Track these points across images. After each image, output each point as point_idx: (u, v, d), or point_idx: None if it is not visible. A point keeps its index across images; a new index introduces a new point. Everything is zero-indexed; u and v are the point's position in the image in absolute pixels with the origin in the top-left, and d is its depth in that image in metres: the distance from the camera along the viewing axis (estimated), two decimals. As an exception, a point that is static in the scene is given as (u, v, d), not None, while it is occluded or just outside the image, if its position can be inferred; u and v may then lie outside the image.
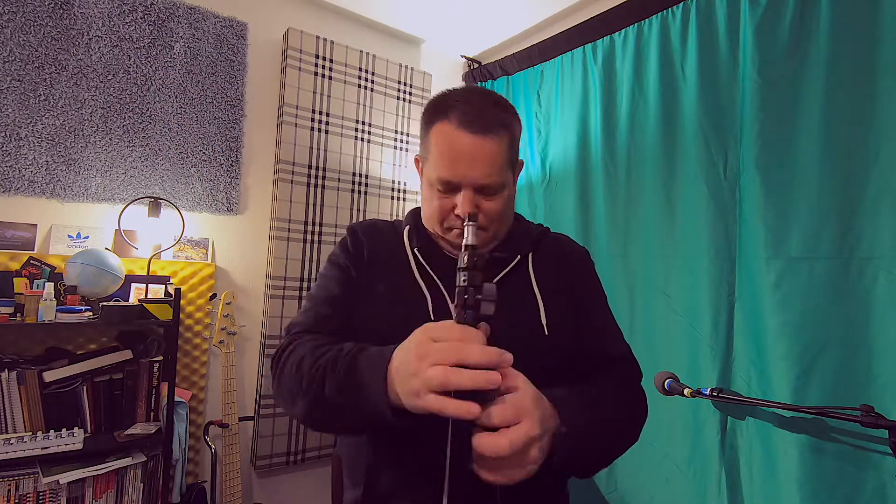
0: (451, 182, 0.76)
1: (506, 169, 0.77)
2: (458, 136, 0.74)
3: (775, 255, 1.37)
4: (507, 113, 0.78)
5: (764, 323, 1.39)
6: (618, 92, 1.89)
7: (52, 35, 1.73)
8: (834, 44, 1.31)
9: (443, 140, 0.76)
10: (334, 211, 2.25)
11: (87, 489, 1.58)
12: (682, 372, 1.50)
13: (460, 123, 0.74)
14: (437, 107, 0.78)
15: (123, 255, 1.81)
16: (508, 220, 0.85)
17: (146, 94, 1.89)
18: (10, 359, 1.59)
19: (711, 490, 1.48)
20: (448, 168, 0.75)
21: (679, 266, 1.63)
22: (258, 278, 2.18)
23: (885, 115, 1.23)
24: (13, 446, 1.45)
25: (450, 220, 0.79)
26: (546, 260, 0.85)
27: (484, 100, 0.77)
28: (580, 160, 2.01)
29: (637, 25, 1.82)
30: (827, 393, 1.26)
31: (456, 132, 0.74)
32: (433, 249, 0.84)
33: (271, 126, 2.20)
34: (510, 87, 2.44)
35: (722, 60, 1.55)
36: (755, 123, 1.44)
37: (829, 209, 1.30)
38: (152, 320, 1.68)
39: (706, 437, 1.51)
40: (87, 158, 1.79)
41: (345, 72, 2.27)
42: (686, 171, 1.63)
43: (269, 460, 2.10)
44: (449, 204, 0.78)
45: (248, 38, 2.12)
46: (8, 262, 1.63)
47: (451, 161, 0.75)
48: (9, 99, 1.66)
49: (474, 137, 0.73)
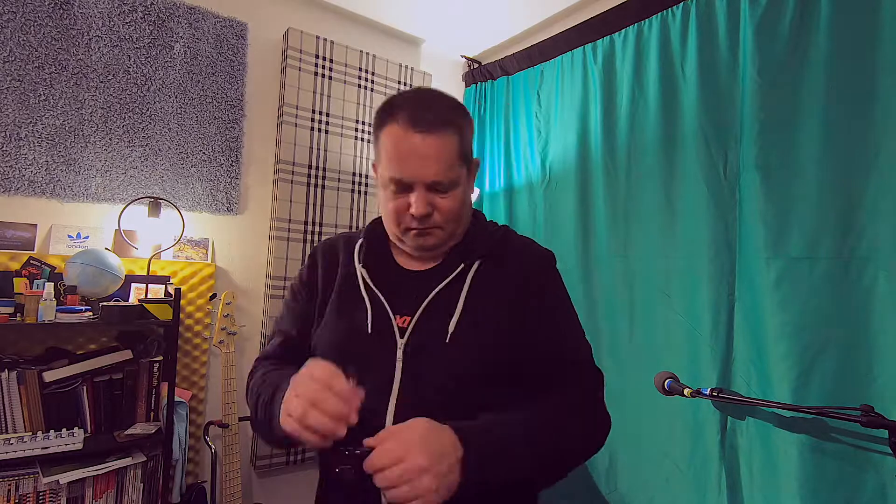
0: (402, 181, 0.77)
1: (457, 166, 0.78)
2: (406, 135, 0.75)
3: (775, 255, 1.37)
4: (455, 111, 0.80)
5: (764, 323, 1.39)
6: (618, 92, 1.89)
7: (52, 35, 1.73)
8: (834, 44, 1.31)
9: (391, 141, 0.77)
10: (334, 211, 2.25)
11: (87, 489, 1.58)
12: (682, 372, 1.50)
13: (407, 123, 0.75)
14: (384, 110, 0.80)
15: (123, 255, 1.81)
16: (465, 219, 0.86)
17: (146, 94, 1.89)
18: (10, 359, 1.59)
19: (711, 490, 1.48)
20: (398, 167, 0.77)
21: (679, 266, 1.63)
22: (258, 278, 2.18)
23: (885, 115, 1.23)
24: (13, 446, 1.45)
25: (406, 221, 0.80)
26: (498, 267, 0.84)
27: (430, 99, 0.80)
28: (580, 160, 2.01)
29: (637, 25, 1.82)
30: (827, 393, 1.26)
31: (404, 132, 0.76)
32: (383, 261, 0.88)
33: (271, 126, 2.20)
34: (510, 87, 2.44)
35: (722, 60, 1.55)
36: (755, 123, 1.44)
37: (829, 209, 1.30)
38: (152, 320, 1.68)
39: (706, 437, 1.51)
40: (87, 158, 1.79)
41: (345, 72, 2.27)
42: (686, 171, 1.63)
43: (269, 460, 2.10)
44: (403, 204, 0.79)
45: (248, 38, 2.12)
46: (8, 262, 1.63)
47: (400, 160, 0.76)
48: (9, 99, 1.66)
49: (422, 136, 0.75)
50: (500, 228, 0.90)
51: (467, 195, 0.84)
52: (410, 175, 0.76)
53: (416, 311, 0.80)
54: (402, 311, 0.81)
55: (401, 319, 0.81)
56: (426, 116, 0.76)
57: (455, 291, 0.81)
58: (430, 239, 0.81)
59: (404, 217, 0.80)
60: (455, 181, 0.79)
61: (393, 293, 0.83)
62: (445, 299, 0.80)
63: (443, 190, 0.78)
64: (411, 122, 0.75)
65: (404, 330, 0.79)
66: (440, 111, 0.78)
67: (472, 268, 0.83)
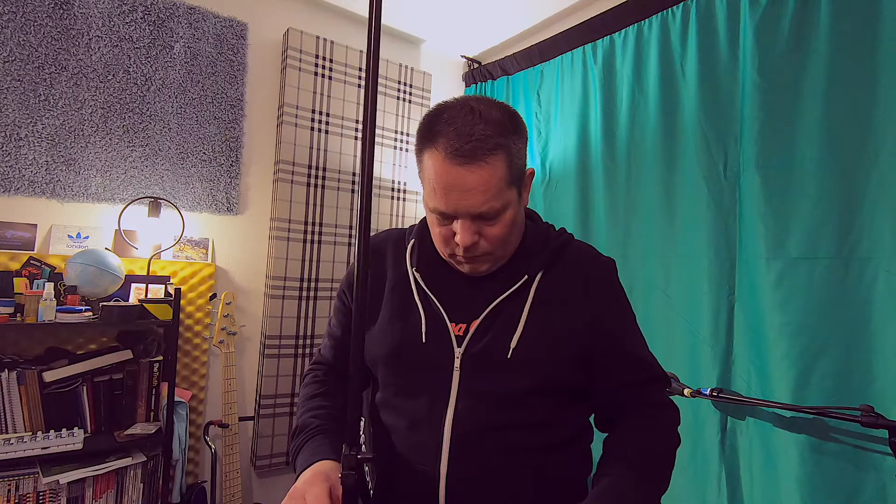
0: (445, 213, 0.73)
1: (505, 190, 0.72)
2: (447, 167, 0.69)
3: (775, 255, 1.37)
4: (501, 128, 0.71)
5: (764, 323, 1.39)
6: (618, 92, 1.89)
7: (52, 35, 1.73)
8: (834, 44, 1.31)
9: (432, 171, 0.71)
10: (334, 211, 2.25)
11: (87, 489, 1.58)
12: (682, 372, 1.50)
13: (447, 153, 0.69)
14: (427, 129, 0.73)
15: (123, 255, 1.81)
16: (515, 240, 0.80)
17: (146, 94, 1.89)
18: (10, 359, 1.59)
19: (711, 490, 1.48)
20: (441, 200, 0.72)
21: (679, 266, 1.63)
22: (258, 278, 2.18)
23: (885, 115, 1.23)
24: (13, 446, 1.45)
25: (451, 247, 0.76)
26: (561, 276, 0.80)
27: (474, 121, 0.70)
28: (580, 160, 2.01)
29: (637, 25, 1.82)
30: (827, 393, 1.27)
31: (444, 163, 0.70)
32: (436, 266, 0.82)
33: (271, 126, 2.20)
34: (510, 87, 2.44)
35: (722, 60, 1.55)
36: (755, 123, 1.44)
37: (829, 209, 1.30)
38: (152, 320, 1.68)
39: (706, 437, 1.51)
40: (87, 158, 1.79)
41: (345, 72, 2.27)
42: (686, 171, 1.63)
43: (269, 460, 2.10)
44: (449, 232, 0.74)
45: (248, 38, 2.12)
46: (8, 262, 1.63)
47: (443, 193, 0.71)
48: (9, 99, 1.66)
49: (463, 169, 0.69)
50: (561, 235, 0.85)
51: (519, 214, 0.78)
52: (453, 208, 0.71)
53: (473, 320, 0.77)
54: (458, 318, 0.78)
55: (457, 328, 0.78)
56: (467, 146, 0.68)
57: (517, 304, 0.77)
58: (480, 265, 0.77)
59: (450, 244, 0.76)
60: (503, 207, 0.73)
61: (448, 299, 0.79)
62: (506, 311, 0.77)
63: (489, 218, 0.73)
64: (453, 152, 0.69)
65: (461, 339, 0.77)
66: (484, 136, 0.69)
67: (535, 279, 0.79)
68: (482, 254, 0.75)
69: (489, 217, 0.72)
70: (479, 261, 0.76)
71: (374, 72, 0.62)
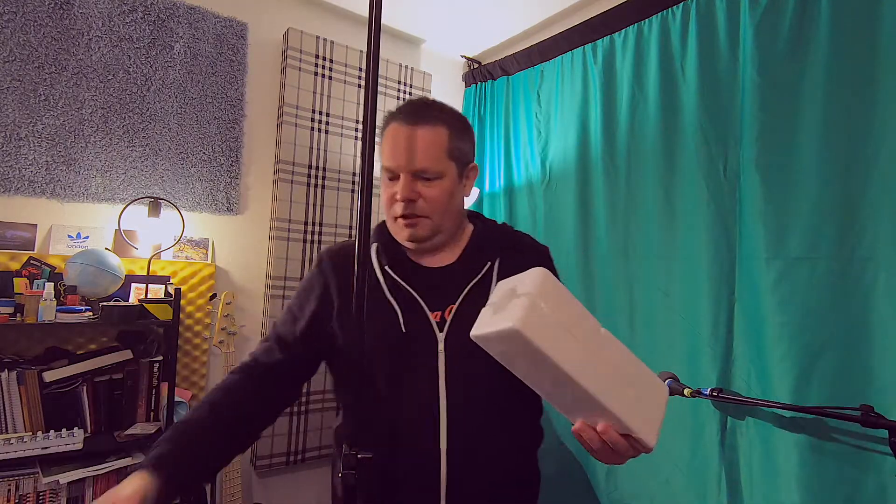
0: (391, 169, 0.84)
1: (443, 159, 0.84)
2: (398, 128, 0.84)
3: (775, 255, 1.37)
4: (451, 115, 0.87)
5: (764, 323, 1.39)
6: (618, 92, 1.89)
7: (52, 35, 1.73)
8: (834, 44, 1.31)
9: (388, 135, 0.85)
10: (334, 211, 2.25)
11: (87, 489, 1.58)
12: (682, 372, 1.50)
13: (400, 118, 0.84)
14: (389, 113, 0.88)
15: (123, 255, 1.81)
16: (452, 213, 0.89)
17: (146, 94, 1.89)
18: (10, 359, 1.59)
19: (711, 490, 1.48)
20: (389, 157, 0.84)
21: (679, 266, 1.63)
22: (258, 278, 2.18)
23: (885, 115, 1.23)
24: (13, 446, 1.45)
25: (394, 208, 0.85)
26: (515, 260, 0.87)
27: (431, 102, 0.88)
28: (580, 160, 2.01)
29: (637, 25, 1.82)
30: (827, 393, 1.26)
31: (396, 126, 0.84)
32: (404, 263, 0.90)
33: (271, 126, 2.20)
34: (510, 87, 2.44)
35: (722, 60, 1.55)
36: (755, 123, 1.44)
37: (829, 209, 1.30)
38: (152, 320, 1.68)
39: (706, 437, 1.51)
40: (87, 158, 1.79)
41: (345, 72, 2.27)
42: (686, 171, 1.63)
43: (269, 460, 2.10)
44: (393, 192, 0.84)
45: (248, 38, 2.12)
46: (8, 262, 1.63)
47: (391, 150, 0.83)
48: (9, 99, 1.66)
49: (409, 127, 0.82)
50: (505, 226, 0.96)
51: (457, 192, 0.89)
52: (397, 162, 0.83)
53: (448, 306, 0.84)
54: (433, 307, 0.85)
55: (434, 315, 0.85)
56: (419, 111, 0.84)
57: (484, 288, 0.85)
58: (418, 229, 0.85)
59: (393, 203, 0.85)
60: (440, 172, 0.84)
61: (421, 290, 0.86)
62: (476, 294, 0.84)
63: (428, 178, 0.83)
64: (404, 116, 0.84)
65: (441, 325, 0.84)
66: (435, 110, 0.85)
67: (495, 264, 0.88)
68: (420, 215, 0.84)
69: (427, 177, 0.83)
70: (419, 224, 0.85)
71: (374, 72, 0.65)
